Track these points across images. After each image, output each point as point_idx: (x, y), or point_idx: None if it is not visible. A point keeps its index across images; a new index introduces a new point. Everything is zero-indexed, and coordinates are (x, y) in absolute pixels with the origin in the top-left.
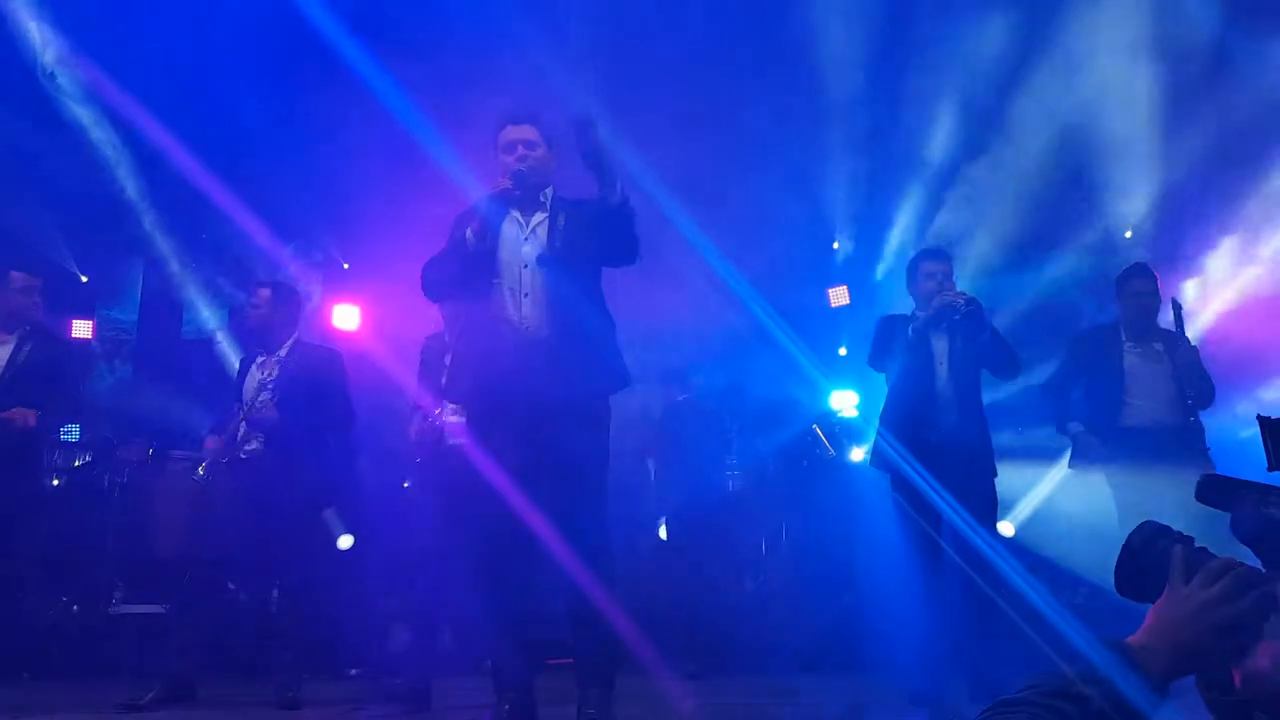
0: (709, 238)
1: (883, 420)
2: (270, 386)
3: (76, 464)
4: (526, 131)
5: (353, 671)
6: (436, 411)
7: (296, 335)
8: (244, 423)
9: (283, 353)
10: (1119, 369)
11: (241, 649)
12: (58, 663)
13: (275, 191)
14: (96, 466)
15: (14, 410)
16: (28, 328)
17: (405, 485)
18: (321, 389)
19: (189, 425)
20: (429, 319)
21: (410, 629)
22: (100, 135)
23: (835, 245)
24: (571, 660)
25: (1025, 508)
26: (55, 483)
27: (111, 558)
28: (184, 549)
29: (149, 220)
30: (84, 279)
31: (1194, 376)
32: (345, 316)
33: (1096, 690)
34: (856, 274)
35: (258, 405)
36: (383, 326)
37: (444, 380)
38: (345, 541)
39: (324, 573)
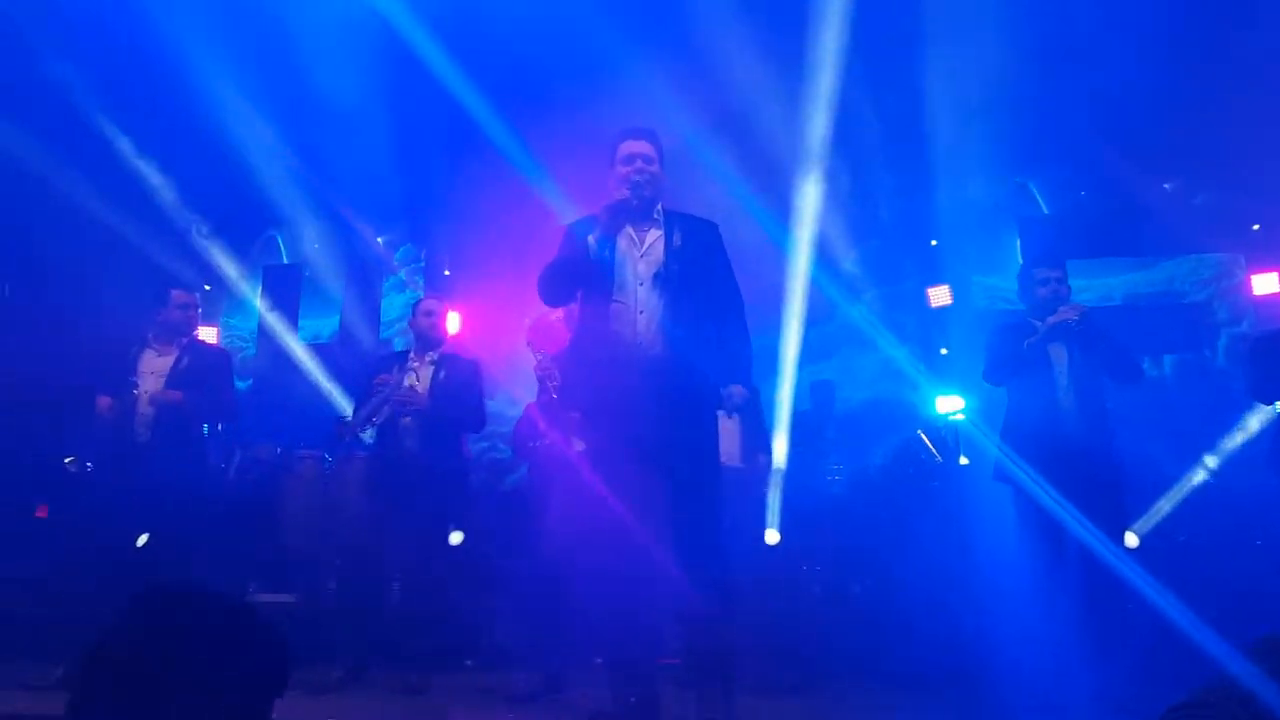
0: (800, 235)
1: (1003, 434)
2: (428, 386)
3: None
4: (645, 147)
5: (468, 662)
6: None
7: (446, 342)
8: (395, 416)
9: (435, 356)
10: None
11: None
12: None
13: (381, 198)
14: (232, 466)
15: (167, 391)
16: (186, 340)
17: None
18: (466, 394)
19: (310, 425)
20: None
21: (534, 622)
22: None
23: (934, 243)
24: (681, 660)
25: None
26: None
27: (245, 551)
28: (314, 541)
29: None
30: (207, 287)
31: None
32: (447, 321)
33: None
34: (958, 272)
35: (408, 398)
36: (479, 331)
37: (552, 386)
38: (456, 538)
39: (444, 565)
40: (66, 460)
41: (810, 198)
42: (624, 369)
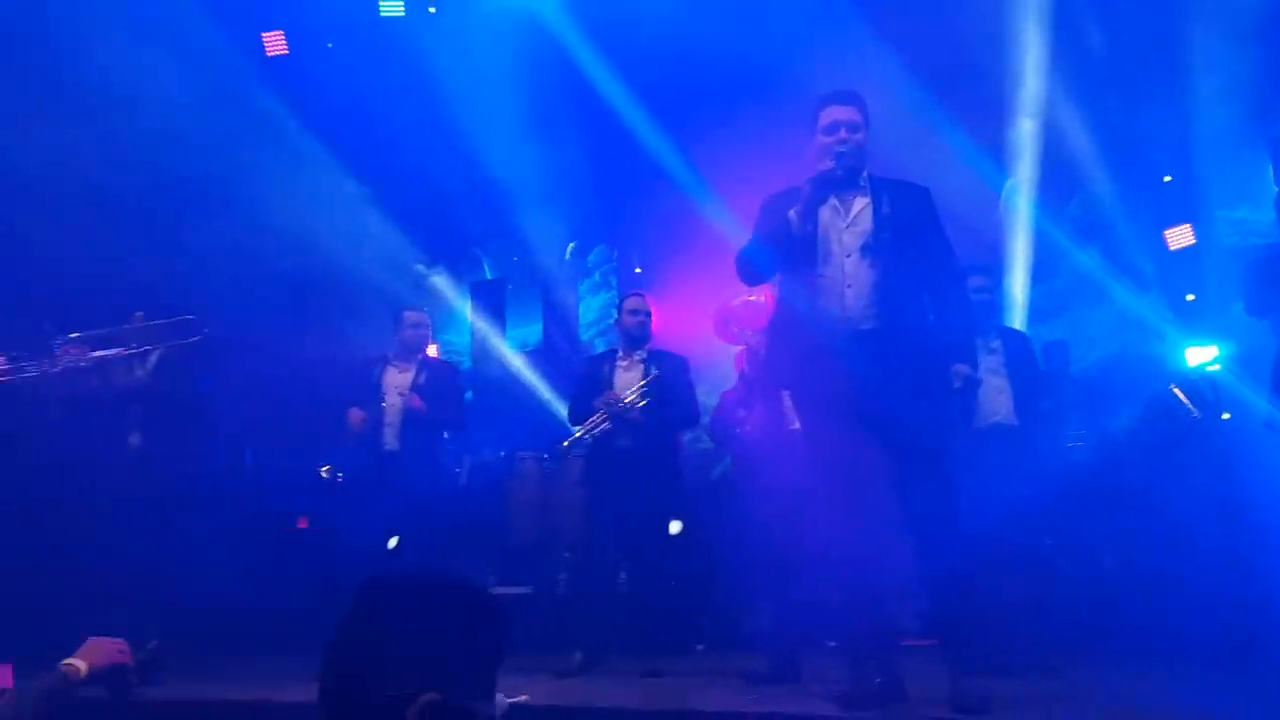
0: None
1: (1276, 375)
2: (642, 387)
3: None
4: (849, 112)
5: (699, 647)
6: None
7: (653, 339)
8: (612, 418)
9: (644, 354)
10: None
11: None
12: None
13: (571, 205)
14: (464, 470)
15: (410, 395)
16: (421, 357)
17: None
18: (677, 390)
19: (527, 428)
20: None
21: (771, 606)
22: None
23: (1167, 179)
24: (931, 642)
25: None
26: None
27: (482, 547)
28: (543, 537)
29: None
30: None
31: None
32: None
33: None
34: (1199, 209)
35: (625, 403)
36: (672, 324)
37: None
38: (675, 527)
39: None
40: (323, 470)
41: (1027, 138)
42: (833, 346)
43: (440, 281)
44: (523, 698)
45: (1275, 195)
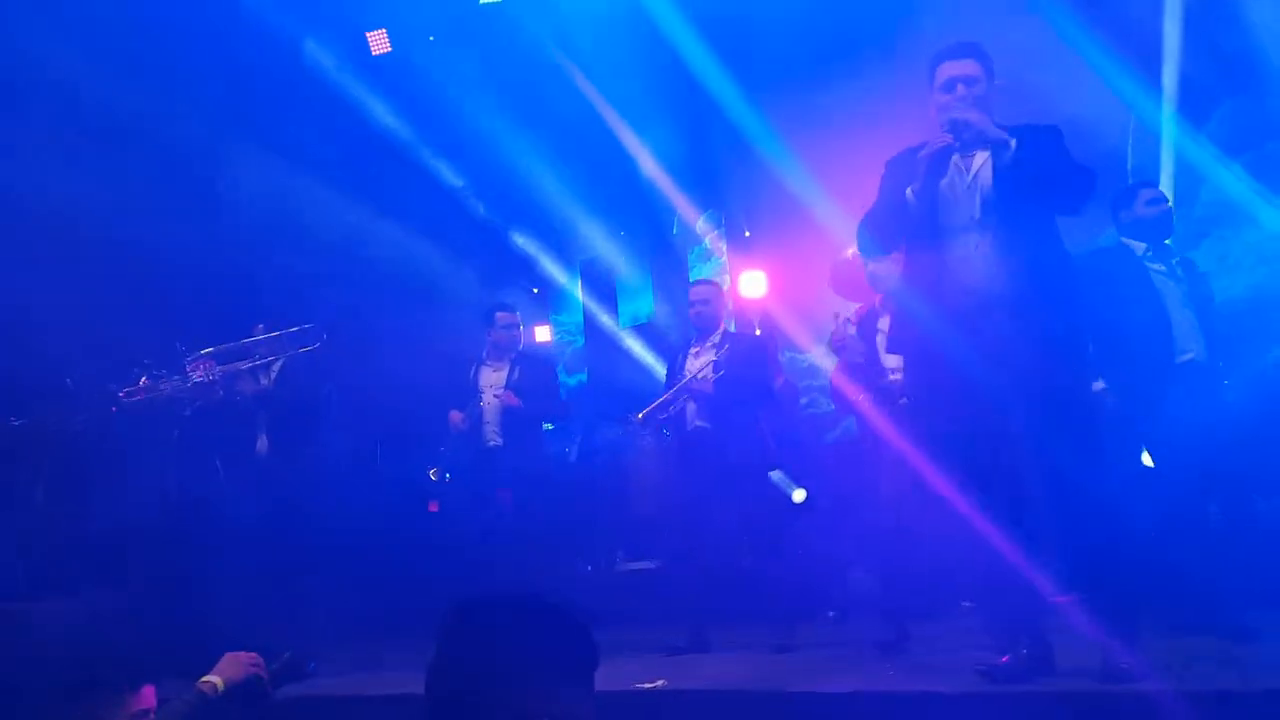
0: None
1: None
2: (712, 366)
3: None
4: (968, 66)
5: (830, 614)
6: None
7: (724, 326)
8: (689, 399)
9: (716, 338)
10: None
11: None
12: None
13: (673, 170)
14: (573, 450)
15: (505, 393)
16: (514, 355)
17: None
18: (752, 371)
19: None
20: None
21: (888, 573)
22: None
23: None
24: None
25: None
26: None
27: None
28: (656, 512)
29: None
30: (535, 290)
31: None
32: (752, 284)
33: None
34: None
35: (698, 381)
36: (785, 288)
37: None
38: (799, 495)
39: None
40: (430, 472)
41: (1170, 38)
42: (958, 319)
43: (549, 264)
44: (660, 682)
45: None
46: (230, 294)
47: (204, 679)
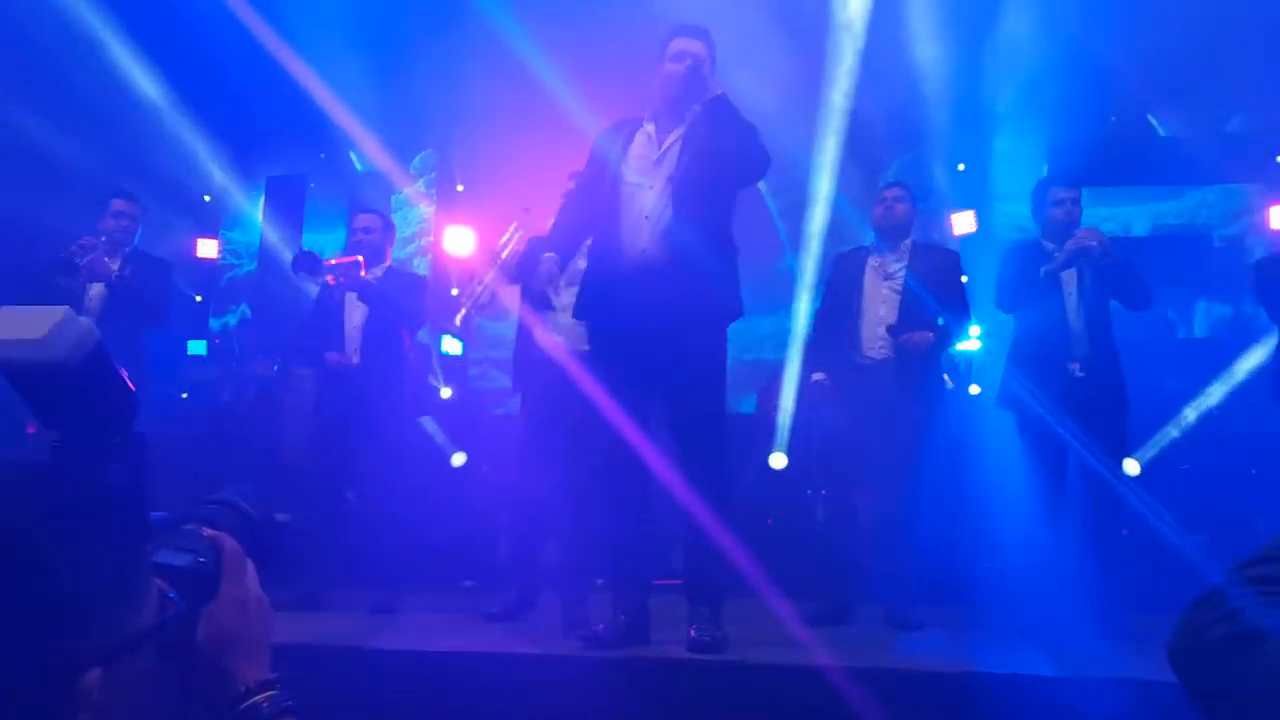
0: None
1: (1011, 357)
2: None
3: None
4: (698, 45)
5: (467, 583)
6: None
7: (388, 263)
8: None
9: (379, 272)
10: None
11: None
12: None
13: (390, 109)
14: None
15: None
16: (128, 249)
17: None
18: (406, 310)
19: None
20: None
21: (517, 543)
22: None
23: (961, 167)
24: (680, 581)
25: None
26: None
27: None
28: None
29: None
30: (207, 199)
31: None
32: (458, 240)
33: None
34: (979, 196)
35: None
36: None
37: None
38: (458, 459)
39: (420, 484)
40: None
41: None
42: (625, 280)
43: (221, 177)
44: None
45: (1034, 186)
46: None
47: None
